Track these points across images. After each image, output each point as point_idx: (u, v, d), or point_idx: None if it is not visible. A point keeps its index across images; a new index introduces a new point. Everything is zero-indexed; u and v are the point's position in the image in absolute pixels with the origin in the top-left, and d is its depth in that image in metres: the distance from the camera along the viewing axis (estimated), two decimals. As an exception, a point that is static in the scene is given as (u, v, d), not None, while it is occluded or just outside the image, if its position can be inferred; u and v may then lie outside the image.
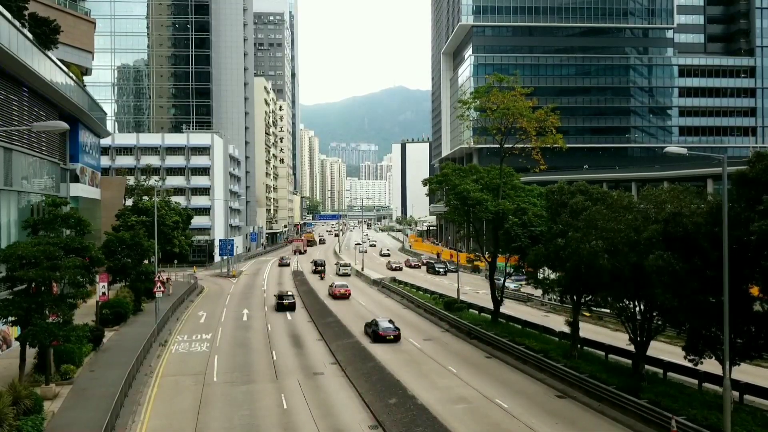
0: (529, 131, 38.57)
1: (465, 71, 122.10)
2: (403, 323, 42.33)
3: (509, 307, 45.02)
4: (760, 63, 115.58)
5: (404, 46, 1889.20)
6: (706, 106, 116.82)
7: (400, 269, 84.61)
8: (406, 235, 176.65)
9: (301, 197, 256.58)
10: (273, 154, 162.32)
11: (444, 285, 64.44)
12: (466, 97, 44.12)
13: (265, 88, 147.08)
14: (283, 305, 49.68)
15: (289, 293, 52.49)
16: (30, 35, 34.37)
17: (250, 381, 28.21)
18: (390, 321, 39.11)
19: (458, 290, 50.00)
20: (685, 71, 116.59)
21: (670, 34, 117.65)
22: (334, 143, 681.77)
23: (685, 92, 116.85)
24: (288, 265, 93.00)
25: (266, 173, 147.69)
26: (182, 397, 25.53)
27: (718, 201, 20.21)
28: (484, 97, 39.91)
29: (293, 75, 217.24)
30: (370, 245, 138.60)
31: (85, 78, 55.52)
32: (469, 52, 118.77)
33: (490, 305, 41.05)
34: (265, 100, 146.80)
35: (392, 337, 36.73)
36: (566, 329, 30.88)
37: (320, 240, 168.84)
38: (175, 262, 76.21)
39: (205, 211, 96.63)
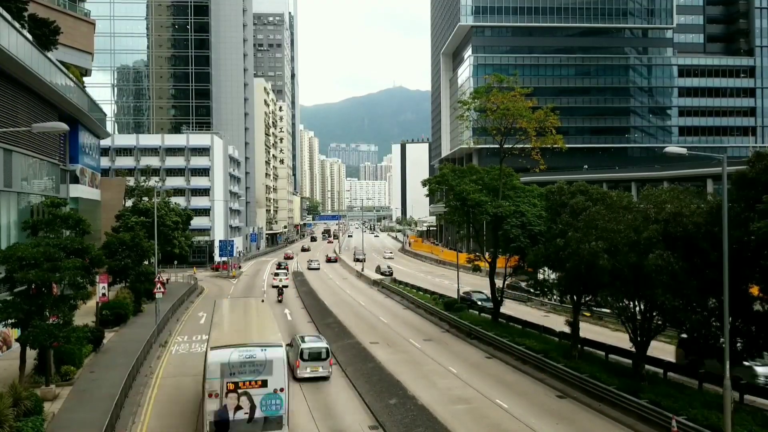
0: (528, 131, 38.52)
1: (465, 71, 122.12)
2: (402, 324, 42.30)
3: (509, 308, 44.95)
4: (760, 63, 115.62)
5: (404, 46, 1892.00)
6: (706, 106, 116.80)
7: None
8: (406, 236, 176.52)
9: (301, 198, 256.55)
10: (273, 155, 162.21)
11: (444, 285, 64.42)
12: (465, 97, 44.05)
13: (265, 88, 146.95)
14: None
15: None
16: (30, 36, 34.38)
17: (251, 382, 28.13)
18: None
19: (458, 291, 50.01)
20: (685, 71, 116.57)
21: (669, 34, 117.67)
22: (334, 144, 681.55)
23: (685, 92, 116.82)
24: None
25: (266, 174, 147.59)
26: (182, 399, 25.51)
27: (718, 201, 20.21)
28: (483, 98, 39.83)
29: (293, 76, 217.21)
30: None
31: (85, 79, 55.48)
32: (468, 53, 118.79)
33: (490, 305, 41.01)
34: (265, 101, 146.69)
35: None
36: (566, 329, 30.88)
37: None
38: (175, 262, 76.15)
39: (205, 212, 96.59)
